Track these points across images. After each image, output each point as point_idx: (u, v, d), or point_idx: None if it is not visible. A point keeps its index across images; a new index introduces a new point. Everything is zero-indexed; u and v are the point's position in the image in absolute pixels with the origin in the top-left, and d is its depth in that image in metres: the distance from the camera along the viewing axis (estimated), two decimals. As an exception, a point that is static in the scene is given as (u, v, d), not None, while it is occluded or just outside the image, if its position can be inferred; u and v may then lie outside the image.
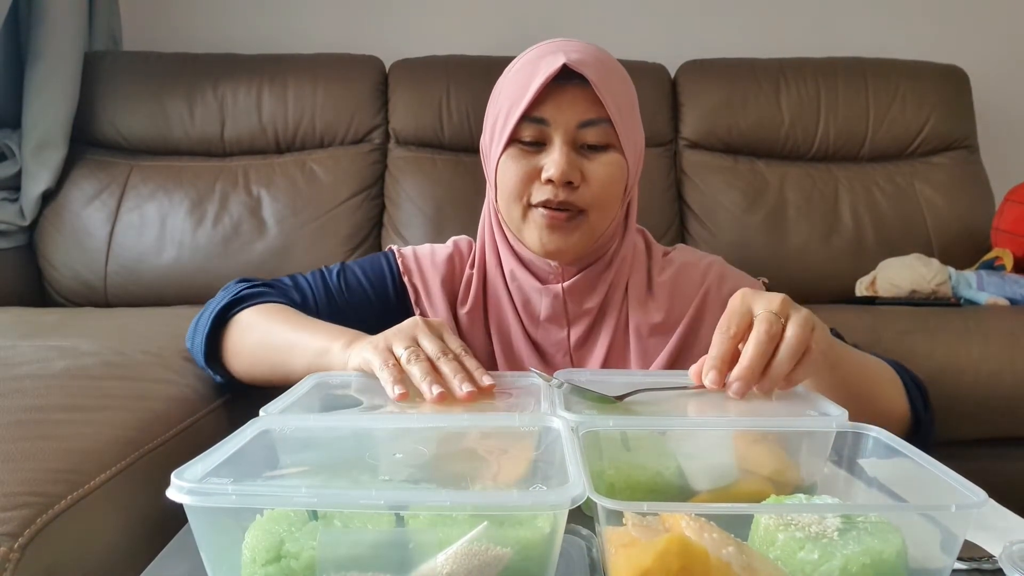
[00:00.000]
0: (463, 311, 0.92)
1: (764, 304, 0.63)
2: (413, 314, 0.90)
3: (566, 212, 0.83)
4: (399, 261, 0.95)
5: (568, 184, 0.81)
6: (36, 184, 1.72)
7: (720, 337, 0.62)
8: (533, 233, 0.84)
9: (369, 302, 0.93)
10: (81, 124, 1.79)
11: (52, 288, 1.75)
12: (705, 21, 2.13)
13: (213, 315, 0.86)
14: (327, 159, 1.82)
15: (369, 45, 1.94)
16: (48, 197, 1.76)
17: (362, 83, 1.85)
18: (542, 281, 0.89)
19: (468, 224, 0.93)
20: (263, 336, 0.82)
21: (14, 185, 1.75)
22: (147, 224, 1.74)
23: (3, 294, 1.63)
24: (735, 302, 0.64)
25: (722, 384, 0.60)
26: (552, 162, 0.81)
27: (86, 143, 1.82)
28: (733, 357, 0.61)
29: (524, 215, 0.85)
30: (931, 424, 0.81)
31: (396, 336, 0.69)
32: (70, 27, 1.74)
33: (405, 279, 0.93)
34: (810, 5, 2.14)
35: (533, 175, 0.83)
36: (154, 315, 1.37)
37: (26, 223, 1.73)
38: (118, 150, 1.83)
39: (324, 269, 0.95)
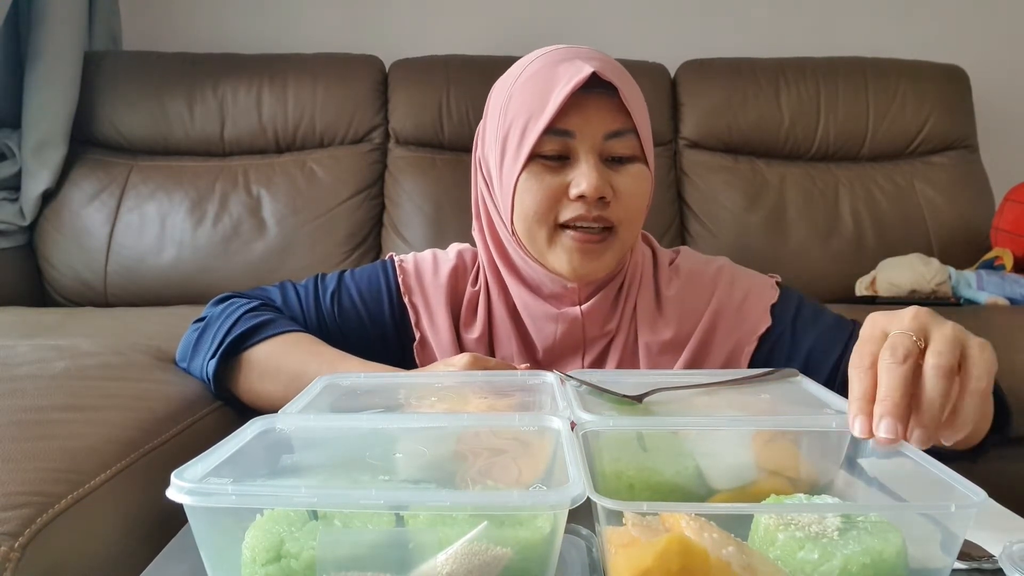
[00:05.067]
0: (470, 336, 0.86)
1: (896, 324, 0.53)
2: (412, 334, 0.87)
3: (598, 234, 0.77)
4: (400, 278, 0.88)
5: (600, 200, 0.76)
6: (36, 184, 1.72)
7: (857, 373, 0.51)
8: (562, 257, 0.78)
9: (363, 326, 0.88)
10: (81, 124, 1.79)
11: (52, 288, 1.75)
12: (705, 21, 2.13)
13: (224, 348, 0.80)
14: (327, 159, 1.82)
15: (369, 45, 1.94)
16: (48, 197, 1.76)
17: (362, 83, 1.85)
18: (556, 306, 0.83)
19: (468, 224, 0.92)
20: (296, 372, 0.77)
21: (14, 185, 1.75)
22: (147, 224, 1.74)
23: (3, 294, 1.63)
24: (865, 330, 0.54)
25: (871, 432, 0.48)
26: (583, 176, 0.75)
27: (86, 143, 1.82)
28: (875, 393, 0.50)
29: (551, 239, 0.78)
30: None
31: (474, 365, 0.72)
32: (70, 27, 1.75)
33: (406, 299, 0.87)
34: (810, 5, 2.14)
35: (560, 193, 0.76)
36: (154, 315, 1.38)
37: (26, 223, 1.74)
38: (118, 150, 1.83)
39: (319, 286, 0.90)
